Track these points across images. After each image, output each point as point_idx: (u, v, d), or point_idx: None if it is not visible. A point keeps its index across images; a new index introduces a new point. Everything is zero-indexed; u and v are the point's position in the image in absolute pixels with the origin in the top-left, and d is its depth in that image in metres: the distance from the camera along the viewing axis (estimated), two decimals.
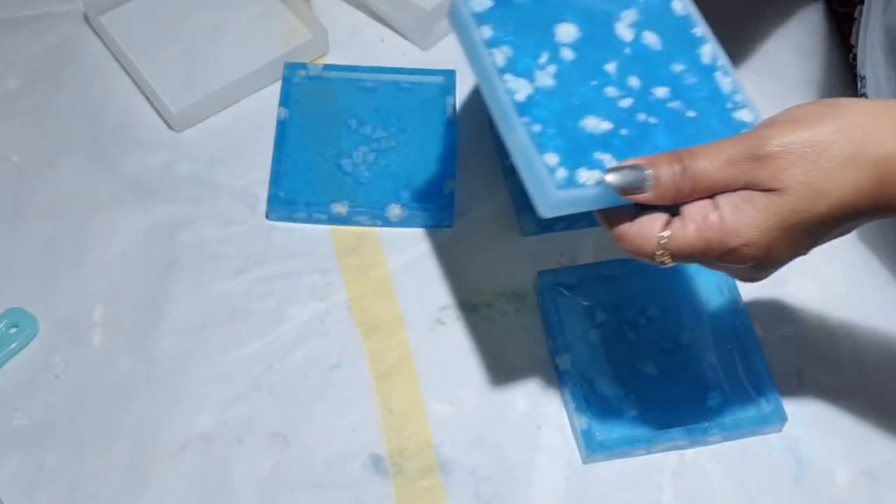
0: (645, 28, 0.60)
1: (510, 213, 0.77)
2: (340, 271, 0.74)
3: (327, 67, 0.82)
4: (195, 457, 0.66)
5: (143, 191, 0.77)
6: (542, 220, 0.74)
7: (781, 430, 0.68)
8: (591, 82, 0.57)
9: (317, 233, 0.76)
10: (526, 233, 0.76)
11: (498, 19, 0.58)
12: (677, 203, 0.53)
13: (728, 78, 0.58)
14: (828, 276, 0.74)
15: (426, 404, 0.69)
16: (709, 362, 0.69)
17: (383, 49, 0.85)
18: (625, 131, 0.56)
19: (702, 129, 0.56)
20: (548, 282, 0.72)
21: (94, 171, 0.78)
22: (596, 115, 0.56)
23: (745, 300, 0.71)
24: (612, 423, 0.67)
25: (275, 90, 0.81)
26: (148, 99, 0.81)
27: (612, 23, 0.60)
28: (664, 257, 0.53)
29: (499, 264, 0.75)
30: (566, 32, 0.59)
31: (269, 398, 0.69)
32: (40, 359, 0.70)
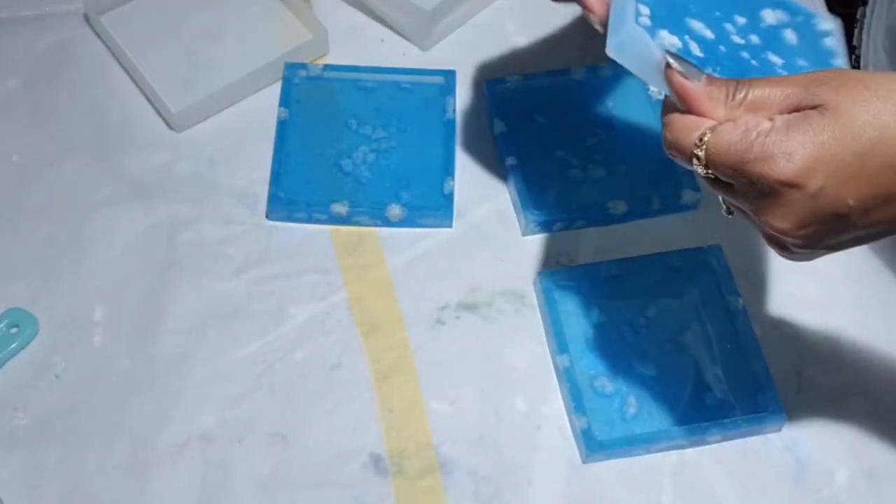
0: (788, 27, 0.58)
1: (510, 213, 0.77)
2: (340, 271, 0.74)
3: (327, 67, 0.82)
4: (195, 457, 0.66)
5: (144, 191, 0.77)
6: (542, 220, 0.75)
7: (781, 430, 0.68)
8: (714, 12, 0.57)
9: (317, 233, 0.76)
10: (526, 233, 0.76)
11: None
12: (728, 116, 0.51)
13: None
14: (828, 276, 0.74)
15: (426, 404, 0.69)
16: (708, 362, 0.69)
17: (383, 49, 0.85)
18: (723, 48, 0.55)
19: None
20: (547, 282, 0.72)
21: (95, 171, 0.78)
22: (705, 24, 0.55)
23: (745, 300, 0.71)
24: (612, 423, 0.67)
25: (275, 90, 0.81)
26: (148, 99, 0.81)
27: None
28: (700, 153, 0.51)
29: (499, 264, 0.75)
30: None
31: (269, 398, 0.69)
32: (40, 359, 0.70)
